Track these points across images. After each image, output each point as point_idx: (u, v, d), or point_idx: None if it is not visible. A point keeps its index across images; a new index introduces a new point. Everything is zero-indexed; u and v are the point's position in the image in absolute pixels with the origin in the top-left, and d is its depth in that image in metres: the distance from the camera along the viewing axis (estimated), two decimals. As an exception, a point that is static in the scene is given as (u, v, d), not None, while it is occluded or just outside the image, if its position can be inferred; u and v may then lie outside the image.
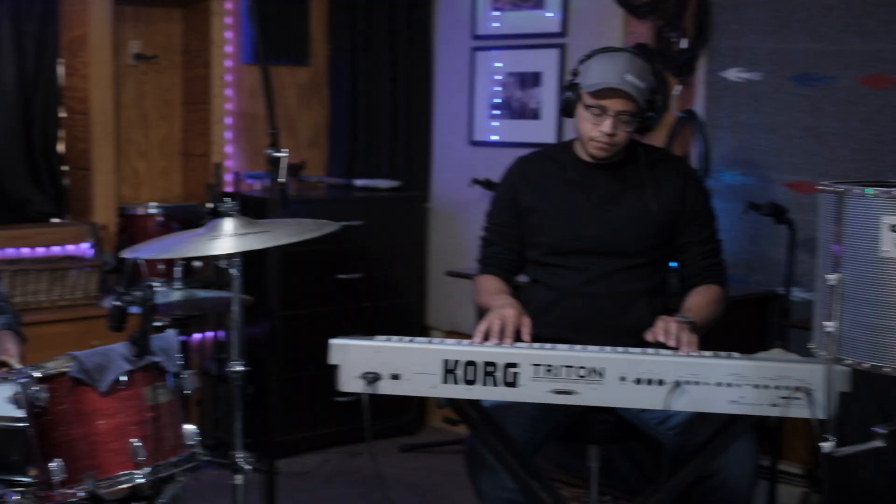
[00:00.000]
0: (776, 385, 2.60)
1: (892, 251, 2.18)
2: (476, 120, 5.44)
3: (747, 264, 4.45)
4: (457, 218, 5.52)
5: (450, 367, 2.70)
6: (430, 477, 4.89)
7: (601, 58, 3.21)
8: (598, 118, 3.18)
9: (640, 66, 3.18)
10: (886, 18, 4.03)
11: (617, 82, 3.12)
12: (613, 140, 3.19)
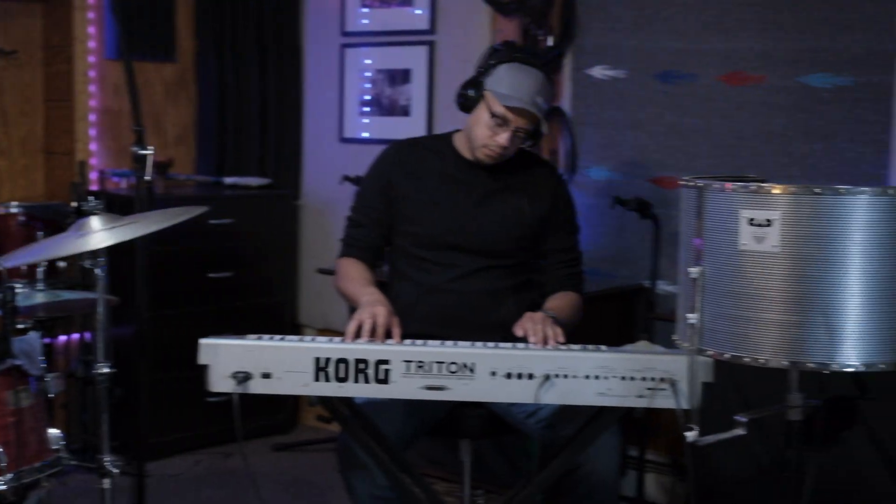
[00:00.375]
0: (642, 377, 2.65)
1: (751, 244, 2.24)
2: (346, 117, 5.44)
3: (614, 258, 4.54)
4: (328, 215, 5.51)
5: (321, 365, 2.69)
6: (304, 475, 4.87)
7: (515, 69, 3.20)
8: (497, 128, 3.19)
9: (549, 87, 3.23)
10: (744, 18, 4.14)
11: (528, 102, 3.14)
12: (506, 152, 3.22)
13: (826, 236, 2.19)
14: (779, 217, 2.20)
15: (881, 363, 2.23)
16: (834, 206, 2.18)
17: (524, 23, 4.68)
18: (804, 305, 2.20)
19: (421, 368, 2.69)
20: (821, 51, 3.97)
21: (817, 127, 3.99)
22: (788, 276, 2.21)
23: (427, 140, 3.50)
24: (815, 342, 2.21)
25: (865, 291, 2.20)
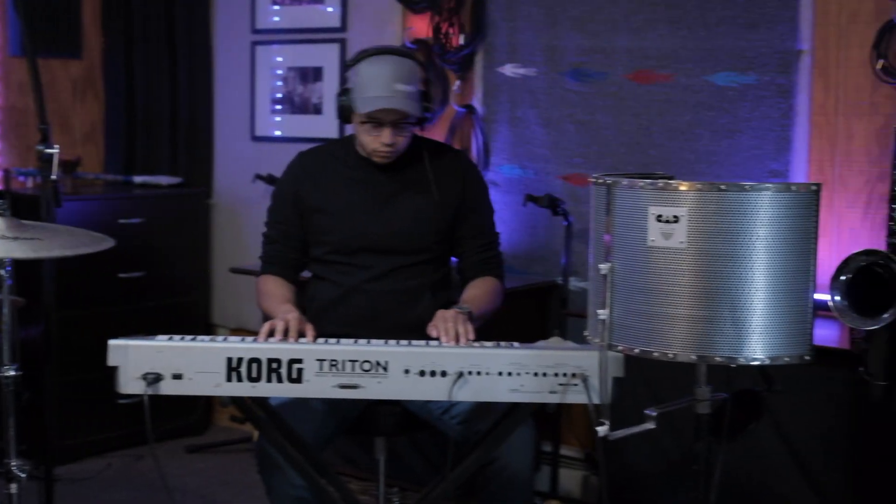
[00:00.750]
0: (554, 372, 2.68)
1: (659, 240, 2.27)
2: (258, 115, 5.40)
3: (527, 255, 4.57)
4: (240, 214, 5.46)
5: (233, 365, 2.67)
6: (218, 477, 4.83)
7: (368, 65, 3.15)
8: (375, 130, 3.17)
9: (408, 68, 3.15)
10: (652, 17, 4.20)
11: (387, 96, 3.09)
12: (395, 148, 3.20)
13: (731, 232, 2.22)
14: (685, 213, 2.24)
15: (786, 356, 2.27)
16: (739, 202, 2.22)
17: (435, 20, 4.69)
18: (711, 300, 2.24)
19: (334, 367, 2.69)
20: (726, 50, 4.04)
21: (723, 124, 4.06)
22: (695, 272, 2.24)
23: (329, 146, 3.48)
24: (722, 336, 2.24)
25: (770, 286, 2.24)
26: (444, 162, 3.35)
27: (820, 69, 3.86)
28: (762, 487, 3.61)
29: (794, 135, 3.91)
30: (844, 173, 3.82)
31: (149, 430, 2.59)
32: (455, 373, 2.69)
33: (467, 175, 3.36)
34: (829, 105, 3.84)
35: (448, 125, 4.69)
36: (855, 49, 3.77)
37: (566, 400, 2.69)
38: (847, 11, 3.79)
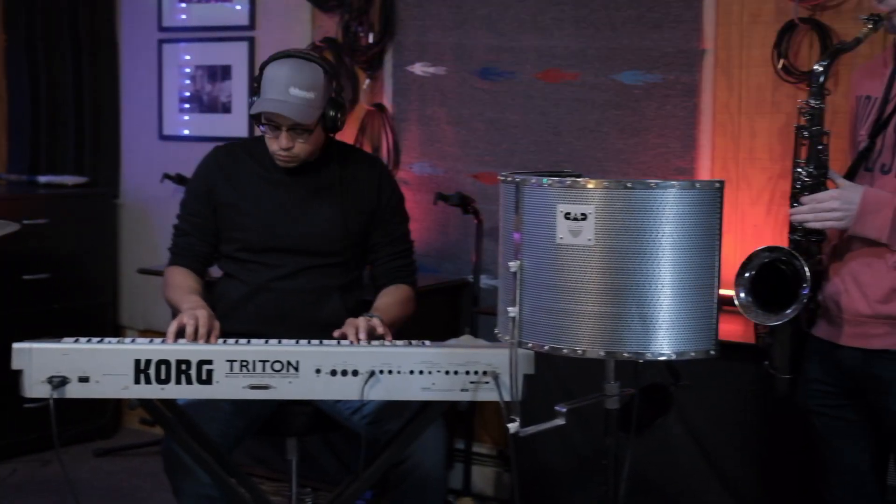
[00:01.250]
0: (465, 370, 2.70)
1: (567, 238, 2.29)
2: (166, 114, 5.33)
3: (438, 254, 4.58)
4: (148, 214, 5.40)
5: (141, 367, 2.64)
6: (128, 480, 4.77)
7: (272, 67, 3.14)
8: (273, 133, 3.16)
9: (308, 73, 3.13)
10: (559, 17, 4.24)
11: (279, 100, 3.08)
12: (292, 153, 3.18)
13: (638, 229, 2.26)
14: (593, 211, 2.26)
15: (692, 351, 2.31)
16: (645, 199, 2.25)
17: (344, 19, 4.68)
18: (619, 297, 2.26)
19: (245, 368, 2.67)
20: (632, 49, 4.09)
21: (630, 123, 4.12)
22: (603, 269, 2.27)
23: (246, 143, 3.46)
24: (629, 332, 2.27)
25: (676, 282, 2.28)
26: (360, 168, 3.35)
27: (723, 68, 3.93)
28: (671, 481, 3.67)
29: (700, 133, 3.98)
30: (748, 171, 3.89)
31: (55, 435, 2.55)
32: (367, 372, 2.69)
33: (383, 182, 3.36)
34: (732, 104, 3.92)
35: (358, 124, 4.69)
36: (757, 49, 3.85)
37: (477, 398, 2.71)
38: (748, 12, 3.86)
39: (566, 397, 2.69)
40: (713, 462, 3.60)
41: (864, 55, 3.45)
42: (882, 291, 2.66)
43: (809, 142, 2.73)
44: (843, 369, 2.75)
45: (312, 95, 3.12)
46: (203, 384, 2.67)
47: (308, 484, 4.36)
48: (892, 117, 2.69)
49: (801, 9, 3.74)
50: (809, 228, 2.73)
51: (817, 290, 2.79)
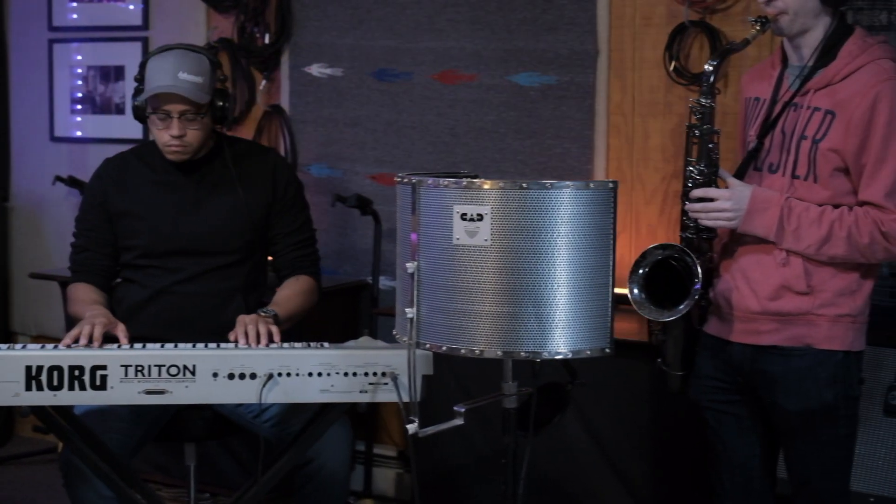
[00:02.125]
0: (364, 372, 2.70)
1: (464, 239, 2.31)
2: (57, 115, 5.23)
3: (337, 255, 4.57)
4: (40, 217, 5.29)
5: (33, 373, 2.60)
6: (21, 490, 4.67)
7: (154, 59, 3.15)
8: (164, 122, 3.14)
9: (194, 59, 3.14)
10: (455, 18, 4.26)
11: (169, 83, 3.08)
12: (184, 141, 3.16)
13: (534, 229, 2.28)
14: (489, 212, 2.28)
15: (588, 350, 2.34)
16: (540, 200, 2.28)
17: (240, 20, 4.65)
18: (515, 297, 2.29)
19: (140, 373, 2.65)
20: (528, 51, 4.13)
21: (526, 124, 4.15)
22: (500, 269, 2.28)
23: (136, 150, 3.42)
24: (526, 332, 2.30)
25: (572, 282, 2.31)
26: (253, 161, 3.33)
27: (616, 70, 3.98)
28: (569, 477, 3.71)
29: (596, 133, 4.03)
30: (642, 171, 3.96)
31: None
32: (265, 375, 2.68)
33: (278, 172, 3.34)
34: (625, 105, 3.97)
35: (255, 125, 4.65)
36: (649, 51, 3.91)
37: (377, 399, 2.72)
38: (641, 14, 3.93)
39: (465, 397, 2.70)
40: (610, 458, 3.65)
41: (753, 57, 3.54)
42: (771, 288, 2.73)
43: (700, 140, 2.79)
44: (734, 365, 2.81)
45: (201, 80, 3.13)
46: (97, 390, 2.63)
47: (207, 489, 4.32)
48: (780, 118, 2.75)
49: (692, 12, 3.81)
50: (701, 226, 2.78)
51: (708, 288, 2.86)
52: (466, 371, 3.68)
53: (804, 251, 2.68)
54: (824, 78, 2.69)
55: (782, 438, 2.84)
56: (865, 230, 2.62)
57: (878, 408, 3.21)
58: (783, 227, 2.68)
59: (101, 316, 2.95)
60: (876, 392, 3.22)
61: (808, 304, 2.70)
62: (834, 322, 2.70)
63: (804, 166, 2.70)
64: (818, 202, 2.69)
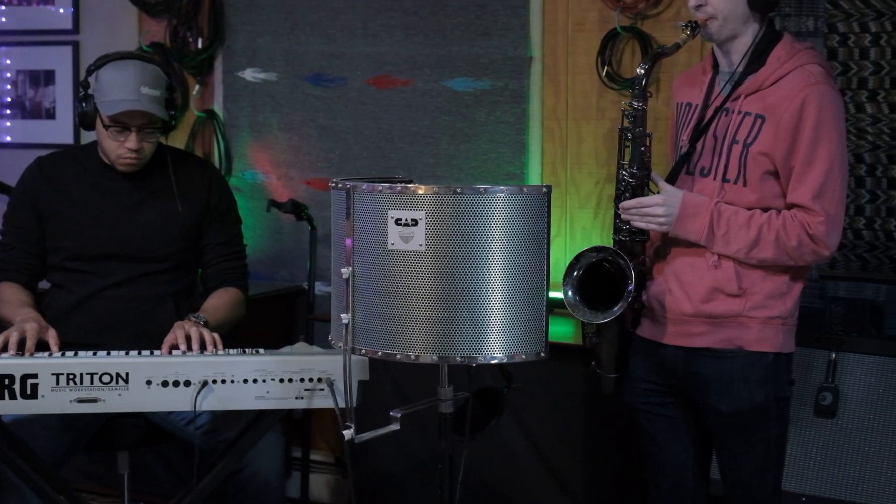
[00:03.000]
0: (300, 378, 2.69)
1: (399, 244, 2.30)
2: (-15, 120, 5.16)
3: (273, 261, 4.55)
4: (-32, 224, 5.20)
5: (-38, 383, 2.55)
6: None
7: (111, 69, 3.10)
8: (120, 134, 3.11)
9: (153, 73, 3.13)
10: (389, 23, 4.26)
11: (133, 99, 3.05)
12: (141, 154, 3.15)
13: (468, 234, 2.28)
14: (424, 217, 2.28)
15: (523, 354, 2.35)
16: (474, 204, 2.28)
17: (173, 24, 4.61)
18: (450, 302, 2.29)
19: (72, 381, 2.61)
20: (462, 56, 4.14)
21: (461, 128, 4.16)
22: (434, 274, 2.28)
23: (71, 151, 3.39)
24: (461, 337, 2.29)
25: (506, 286, 2.31)
26: (190, 171, 3.32)
27: (550, 75, 4.01)
28: (506, 481, 3.72)
29: (529, 138, 4.05)
30: (576, 176, 3.98)
31: None
32: (199, 382, 2.66)
33: (213, 184, 3.33)
34: (559, 110, 4.00)
35: (189, 130, 4.62)
36: (582, 56, 3.94)
37: (313, 405, 2.71)
38: (573, 20, 3.95)
39: (402, 402, 2.70)
40: (546, 461, 3.67)
41: (684, 63, 3.59)
42: (703, 290, 2.76)
43: (633, 143, 2.82)
44: (667, 367, 2.84)
45: (159, 93, 3.12)
46: (28, 399, 2.59)
47: (142, 498, 4.27)
48: (712, 122, 2.79)
49: (623, 17, 3.85)
50: (634, 229, 2.81)
51: (641, 291, 2.88)
52: (402, 376, 3.68)
53: (734, 255, 2.72)
54: (754, 83, 2.73)
55: (715, 439, 2.87)
56: (793, 233, 2.67)
57: (809, 408, 3.27)
58: (713, 231, 2.71)
59: (31, 321, 2.91)
60: (806, 393, 3.27)
61: (740, 307, 2.74)
62: (765, 324, 2.74)
63: (735, 170, 2.74)
64: (748, 206, 2.72)
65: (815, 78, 2.67)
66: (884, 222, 3.50)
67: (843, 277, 3.52)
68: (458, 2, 4.13)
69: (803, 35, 3.53)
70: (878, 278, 3.49)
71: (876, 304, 3.48)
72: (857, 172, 3.50)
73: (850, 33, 3.50)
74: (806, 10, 3.54)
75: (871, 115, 3.48)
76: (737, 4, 2.72)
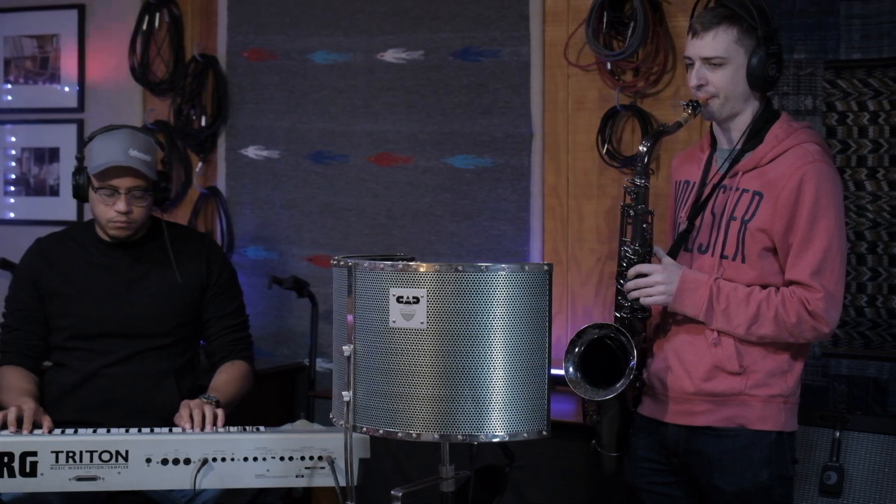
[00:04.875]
0: (301, 456, 2.68)
1: (400, 321, 2.31)
2: (-10, 197, 5.18)
3: (274, 337, 4.54)
4: (-30, 300, 5.20)
5: (-39, 461, 2.54)
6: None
7: (102, 137, 3.17)
8: (110, 198, 3.14)
9: (143, 139, 3.18)
10: (391, 101, 4.30)
11: (121, 159, 3.09)
12: (130, 217, 3.16)
13: (470, 312, 2.29)
14: (425, 294, 2.29)
15: (525, 432, 2.34)
16: (476, 282, 2.29)
17: (177, 102, 4.65)
18: (452, 380, 2.28)
19: (71, 458, 2.60)
20: (463, 133, 4.17)
21: (462, 206, 4.18)
22: (436, 352, 2.29)
23: (70, 230, 3.42)
24: (463, 415, 2.29)
25: (508, 364, 2.31)
26: (189, 245, 3.33)
27: (551, 153, 4.03)
28: (508, 560, 3.68)
29: (531, 216, 4.06)
30: (577, 253, 3.99)
31: None
32: (199, 460, 2.64)
33: (212, 257, 3.35)
34: (560, 187, 4.02)
35: (192, 207, 4.64)
36: (582, 134, 3.97)
37: (313, 483, 2.69)
38: (574, 98, 3.99)
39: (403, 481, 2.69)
40: (549, 540, 3.63)
41: (683, 141, 3.61)
42: (704, 369, 2.76)
43: (635, 220, 2.83)
44: (669, 446, 2.83)
45: (149, 158, 3.16)
46: (27, 477, 2.58)
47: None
48: (710, 199, 2.81)
49: (623, 96, 3.88)
50: (636, 306, 2.81)
51: (642, 368, 2.88)
52: (404, 454, 3.66)
53: (734, 331, 2.72)
54: (752, 160, 2.75)
55: (718, 518, 2.85)
56: (792, 309, 2.67)
57: (814, 488, 3.24)
58: (712, 306, 2.72)
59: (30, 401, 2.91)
60: (811, 472, 3.25)
61: (741, 385, 2.73)
62: (766, 402, 2.73)
63: (732, 246, 2.75)
64: (746, 282, 2.73)
65: (813, 156, 2.69)
66: (886, 300, 3.49)
67: (846, 355, 3.52)
68: (460, 81, 4.17)
69: (802, 114, 3.56)
70: (882, 356, 3.48)
71: (879, 382, 3.47)
72: (858, 250, 3.51)
73: (848, 112, 3.53)
74: (804, 89, 3.58)
75: (870, 192, 3.50)
76: (737, 84, 2.75)
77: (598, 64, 3.91)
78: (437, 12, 4.21)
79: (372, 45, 4.33)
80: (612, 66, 3.87)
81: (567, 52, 3.96)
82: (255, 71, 4.58)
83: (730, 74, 2.75)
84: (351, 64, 4.38)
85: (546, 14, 4.02)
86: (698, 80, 2.78)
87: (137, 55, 4.74)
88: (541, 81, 4.03)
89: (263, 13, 4.55)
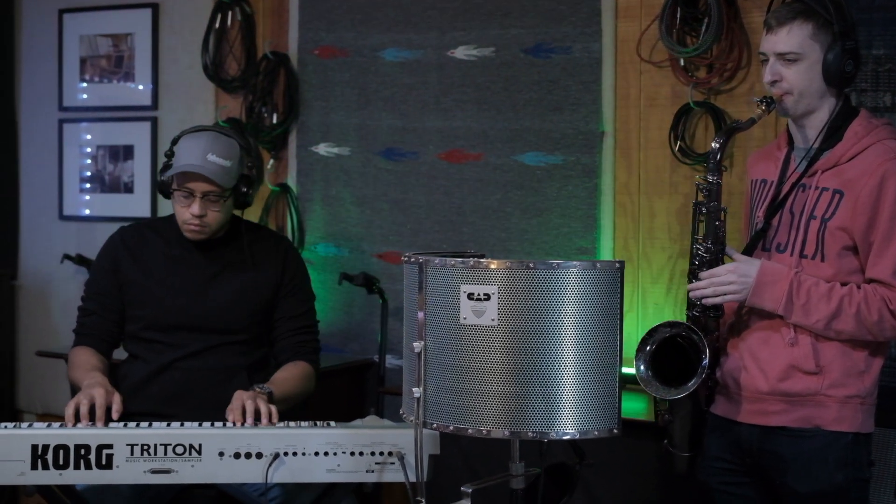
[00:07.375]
0: (371, 451, 2.69)
1: (471, 318, 2.31)
2: (66, 194, 5.26)
3: (344, 334, 4.57)
4: (48, 296, 5.30)
5: (39, 452, 2.58)
6: (22, 570, 4.62)
7: (187, 138, 3.19)
8: (186, 200, 3.16)
9: (225, 143, 3.18)
10: (461, 98, 4.30)
11: (198, 164, 3.11)
12: (204, 221, 3.18)
13: (541, 309, 2.28)
14: (496, 291, 2.28)
15: (595, 430, 2.33)
16: (547, 279, 2.28)
17: (248, 100, 4.69)
18: (522, 377, 2.28)
19: (146, 451, 2.63)
20: (534, 130, 4.16)
21: (532, 203, 4.17)
22: (507, 349, 2.28)
23: (152, 222, 3.46)
24: (533, 412, 2.29)
25: (579, 362, 2.30)
26: (266, 245, 3.36)
27: (622, 150, 4.01)
28: (577, 559, 3.67)
29: (601, 213, 4.04)
30: (648, 250, 3.96)
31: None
32: (271, 454, 2.66)
33: (288, 259, 3.36)
34: (631, 184, 3.99)
35: (263, 204, 4.68)
36: (654, 131, 3.94)
37: (383, 479, 2.70)
38: (646, 95, 3.96)
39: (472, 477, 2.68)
40: (618, 540, 3.61)
41: (758, 139, 3.57)
42: (780, 368, 2.72)
43: (707, 218, 2.80)
44: (742, 446, 2.79)
45: (229, 164, 3.16)
46: (103, 469, 2.62)
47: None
48: (788, 198, 2.77)
49: (696, 93, 3.85)
50: (707, 304, 2.78)
51: (715, 367, 2.85)
52: (474, 451, 3.66)
53: (812, 326, 2.68)
54: (831, 158, 2.71)
55: (792, 520, 2.81)
56: (874, 307, 2.63)
57: (889, 490, 3.18)
58: (792, 300, 2.68)
59: (98, 385, 2.93)
60: (886, 475, 3.19)
61: (817, 385, 2.69)
62: (843, 403, 2.69)
63: (812, 245, 2.71)
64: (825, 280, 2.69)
65: (894, 153, 2.65)
66: (964, 299, 3.43)
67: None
68: (531, 77, 4.16)
69: (881, 111, 3.50)
70: (960, 356, 3.41)
71: (957, 383, 3.40)
72: (936, 248, 3.44)
73: (927, 108, 3.47)
74: (883, 86, 3.52)
75: (949, 190, 3.43)
76: (812, 80, 2.71)
77: (670, 60, 3.88)
78: (508, 8, 4.21)
79: (442, 42, 4.34)
80: (685, 63, 3.84)
81: (640, 49, 3.93)
82: (326, 68, 4.60)
83: (804, 70, 2.71)
84: (421, 61, 4.39)
85: (618, 10, 4.00)
86: (772, 75, 2.74)
87: (210, 53, 4.79)
88: (612, 78, 4.01)
89: (334, 11, 4.58)
